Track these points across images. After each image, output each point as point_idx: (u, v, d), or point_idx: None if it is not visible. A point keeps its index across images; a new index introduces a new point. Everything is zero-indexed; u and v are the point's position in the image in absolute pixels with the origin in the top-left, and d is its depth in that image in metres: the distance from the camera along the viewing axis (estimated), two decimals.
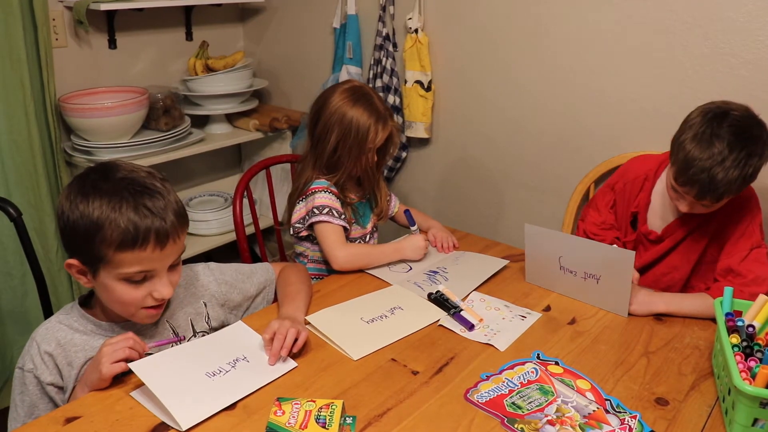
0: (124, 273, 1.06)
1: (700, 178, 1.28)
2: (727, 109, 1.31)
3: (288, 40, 2.70)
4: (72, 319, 1.15)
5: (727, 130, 1.28)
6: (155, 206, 1.05)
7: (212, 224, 2.55)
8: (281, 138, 2.71)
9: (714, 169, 1.26)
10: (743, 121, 1.30)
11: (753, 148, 1.27)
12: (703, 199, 1.32)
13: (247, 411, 1.03)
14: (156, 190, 1.07)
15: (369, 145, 1.60)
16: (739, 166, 1.26)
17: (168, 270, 1.11)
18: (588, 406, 1.07)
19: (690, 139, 1.31)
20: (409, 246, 1.60)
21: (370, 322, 1.32)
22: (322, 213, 1.59)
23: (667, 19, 1.72)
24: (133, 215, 1.02)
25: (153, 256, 1.05)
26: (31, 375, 1.10)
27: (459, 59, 2.17)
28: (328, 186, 1.63)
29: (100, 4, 2.14)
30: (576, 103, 1.95)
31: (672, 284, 1.54)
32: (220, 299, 1.31)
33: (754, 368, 1.02)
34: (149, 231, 1.03)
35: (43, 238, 2.12)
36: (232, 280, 1.34)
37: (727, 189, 1.28)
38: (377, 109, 1.61)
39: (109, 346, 1.05)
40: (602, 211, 1.63)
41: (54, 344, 1.11)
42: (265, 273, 1.42)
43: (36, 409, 1.10)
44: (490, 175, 2.22)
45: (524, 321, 1.34)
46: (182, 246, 1.12)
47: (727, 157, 1.26)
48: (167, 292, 1.10)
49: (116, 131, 2.17)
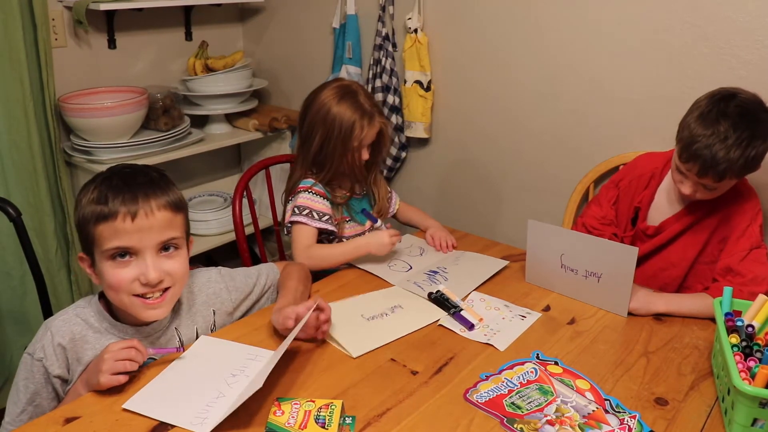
0: (106, 249, 1.06)
1: (703, 154, 1.30)
2: (735, 92, 1.34)
3: (287, 40, 2.70)
4: (89, 313, 1.15)
5: (733, 110, 1.30)
6: (135, 181, 1.08)
7: (212, 224, 2.55)
8: (281, 138, 2.71)
9: (716, 146, 1.28)
10: (750, 104, 1.32)
11: (757, 130, 1.29)
12: (704, 177, 1.33)
13: (247, 411, 1.03)
14: (146, 174, 1.11)
15: (354, 143, 1.59)
16: (741, 146, 1.28)
17: (159, 254, 1.10)
18: (587, 406, 1.07)
19: (695, 118, 1.34)
20: (373, 242, 1.58)
21: (370, 320, 1.33)
22: (301, 214, 1.60)
23: (667, 19, 1.72)
24: (111, 192, 1.06)
25: (127, 228, 1.05)
26: (41, 364, 1.10)
27: (458, 59, 2.17)
28: (312, 185, 1.63)
29: (100, 4, 2.14)
30: (575, 103, 1.95)
31: (668, 282, 1.54)
32: (229, 308, 1.31)
33: (754, 368, 1.02)
34: (119, 203, 1.05)
35: (42, 239, 2.11)
36: (242, 286, 1.34)
37: (729, 168, 1.29)
38: (362, 105, 1.60)
39: (110, 354, 1.05)
40: (604, 206, 1.63)
41: (68, 338, 1.11)
42: (271, 274, 1.42)
43: (38, 397, 1.11)
44: (490, 175, 2.22)
45: (524, 321, 1.34)
46: (165, 224, 1.09)
47: (731, 135, 1.28)
48: (153, 276, 1.07)
49: (116, 131, 2.17)
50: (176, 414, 1.03)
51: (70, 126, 2.21)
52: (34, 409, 1.11)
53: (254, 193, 2.04)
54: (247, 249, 1.85)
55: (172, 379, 1.12)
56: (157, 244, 1.09)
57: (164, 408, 1.04)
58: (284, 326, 1.18)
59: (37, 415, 1.09)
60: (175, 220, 1.11)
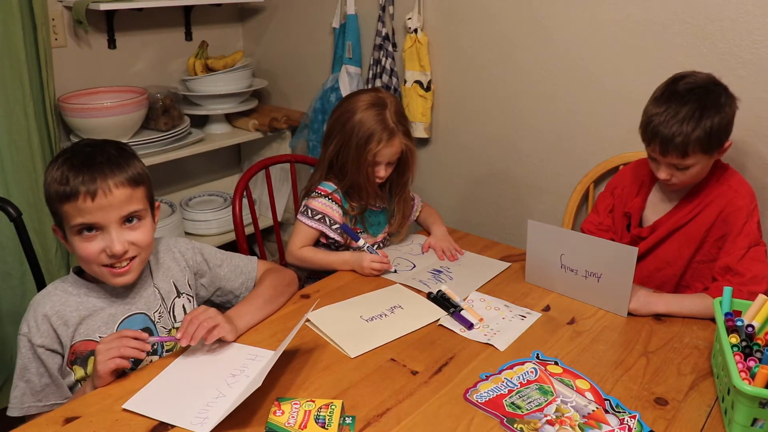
0: (72, 225, 1.12)
1: (659, 131, 1.35)
2: (687, 73, 1.40)
3: (287, 40, 2.70)
4: (67, 284, 1.21)
5: (683, 87, 1.36)
6: (93, 161, 1.12)
7: (212, 224, 2.55)
8: (280, 138, 2.71)
9: (669, 122, 1.34)
10: (699, 81, 1.38)
11: (707, 102, 1.34)
12: (668, 155, 1.36)
13: (247, 411, 1.03)
14: (105, 151, 1.15)
15: (369, 156, 1.54)
16: (694, 118, 1.32)
17: (123, 227, 1.15)
18: (587, 406, 1.07)
19: (651, 101, 1.40)
20: (356, 263, 1.55)
21: (370, 321, 1.33)
22: (312, 217, 1.61)
23: (666, 19, 1.72)
24: (70, 172, 1.11)
25: (88, 207, 1.10)
26: (25, 339, 1.15)
27: (458, 59, 2.17)
28: (332, 192, 1.62)
29: (100, 4, 2.14)
30: (576, 103, 1.95)
31: (665, 281, 1.54)
32: (193, 267, 1.35)
33: (754, 368, 1.02)
34: (78, 183, 1.10)
35: (42, 238, 2.11)
36: (208, 255, 1.39)
37: (686, 141, 1.33)
38: (386, 119, 1.54)
39: (103, 344, 1.09)
40: (601, 214, 1.64)
41: (49, 306, 1.17)
42: (245, 263, 1.43)
43: (27, 372, 1.15)
44: (490, 175, 2.22)
45: (524, 321, 1.34)
46: (124, 199, 1.14)
47: (680, 110, 1.33)
48: (118, 248, 1.13)
49: (115, 131, 2.17)
50: (176, 414, 1.03)
51: (70, 126, 2.21)
52: (26, 385, 1.15)
53: (254, 193, 2.04)
54: (247, 249, 1.85)
55: (172, 379, 1.12)
56: (119, 219, 1.14)
57: (164, 408, 1.04)
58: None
59: (31, 391, 1.15)
60: (135, 194, 1.16)
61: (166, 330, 1.26)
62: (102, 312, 1.19)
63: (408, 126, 1.62)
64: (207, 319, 1.17)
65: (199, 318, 1.16)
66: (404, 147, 1.59)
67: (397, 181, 1.67)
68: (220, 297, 1.42)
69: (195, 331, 1.15)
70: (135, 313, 1.22)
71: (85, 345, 1.17)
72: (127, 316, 1.21)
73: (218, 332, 1.18)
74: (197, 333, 1.15)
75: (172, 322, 1.28)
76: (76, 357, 1.17)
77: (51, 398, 1.16)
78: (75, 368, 1.18)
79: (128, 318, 1.21)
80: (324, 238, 1.66)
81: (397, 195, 1.70)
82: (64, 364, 1.18)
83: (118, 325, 1.20)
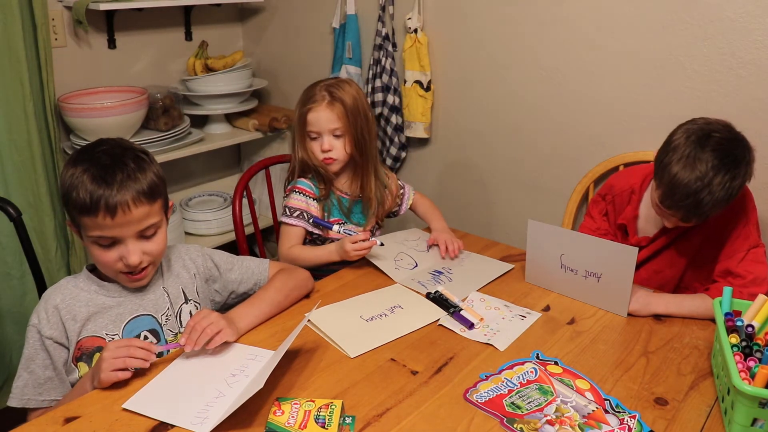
0: (90, 236, 1.14)
1: (686, 203, 1.29)
2: (709, 131, 1.31)
3: (287, 40, 2.70)
4: (79, 280, 1.23)
5: (711, 154, 1.27)
6: (114, 179, 1.11)
7: (212, 224, 2.55)
8: (280, 138, 2.72)
9: (699, 193, 1.27)
10: (726, 144, 1.29)
11: (737, 171, 1.28)
12: (688, 222, 1.35)
13: (247, 411, 1.03)
14: (123, 164, 1.14)
15: (307, 128, 1.59)
16: (724, 188, 1.27)
17: (140, 239, 1.16)
18: (587, 406, 1.07)
19: (674, 163, 1.30)
20: (340, 251, 1.54)
21: (370, 321, 1.33)
22: (291, 215, 1.63)
23: (666, 19, 1.72)
24: (90, 185, 1.10)
25: (107, 224, 1.11)
26: (35, 329, 1.16)
27: (458, 59, 2.17)
28: (305, 187, 1.64)
29: (100, 4, 2.14)
30: (575, 103, 1.95)
31: (665, 282, 1.54)
32: (204, 274, 1.36)
33: (753, 368, 1.02)
34: (99, 201, 1.10)
35: (42, 238, 2.11)
36: (219, 260, 1.39)
37: (712, 210, 1.30)
38: (314, 87, 1.59)
39: (109, 352, 1.09)
40: (596, 219, 1.64)
41: (60, 298, 1.19)
42: (257, 265, 1.43)
43: (32, 363, 1.16)
44: (490, 175, 2.22)
45: (524, 321, 1.34)
46: (143, 216, 1.14)
47: (713, 182, 1.26)
48: (134, 260, 1.15)
49: (115, 131, 2.17)
50: (176, 414, 1.03)
51: (70, 126, 2.21)
52: (29, 376, 1.16)
53: (254, 193, 2.04)
54: (247, 249, 1.85)
55: (172, 378, 1.12)
56: (136, 233, 1.16)
57: (164, 408, 1.04)
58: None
59: (33, 383, 1.16)
60: (153, 209, 1.17)
61: (172, 333, 1.26)
62: (110, 310, 1.20)
63: (351, 98, 1.58)
64: (210, 326, 1.16)
65: (201, 324, 1.16)
66: (341, 115, 1.56)
67: (361, 163, 1.66)
68: (235, 300, 1.41)
69: (198, 338, 1.15)
70: (142, 314, 1.23)
71: (91, 341, 1.18)
72: (134, 316, 1.22)
73: (221, 338, 1.18)
74: (200, 339, 1.15)
75: (178, 326, 1.28)
76: (81, 353, 1.18)
77: (52, 393, 1.16)
78: (80, 365, 1.18)
79: (135, 318, 1.22)
80: (309, 235, 1.67)
81: (362, 178, 1.67)
82: (70, 360, 1.18)
83: (125, 324, 1.20)
